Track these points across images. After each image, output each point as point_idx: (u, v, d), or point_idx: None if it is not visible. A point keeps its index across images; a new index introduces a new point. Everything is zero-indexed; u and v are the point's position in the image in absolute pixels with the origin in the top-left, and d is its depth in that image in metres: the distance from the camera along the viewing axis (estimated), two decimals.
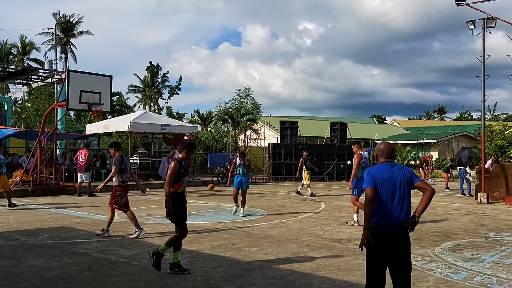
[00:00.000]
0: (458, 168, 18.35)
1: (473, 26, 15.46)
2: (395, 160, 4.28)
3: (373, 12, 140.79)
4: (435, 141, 41.47)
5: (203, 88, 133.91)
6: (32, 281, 5.55)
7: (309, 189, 16.90)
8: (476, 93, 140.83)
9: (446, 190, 19.81)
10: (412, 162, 40.78)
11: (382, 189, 3.92)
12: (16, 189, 16.00)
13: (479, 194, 15.27)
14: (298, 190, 17.24)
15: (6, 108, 26.18)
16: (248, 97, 35.16)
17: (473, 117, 77.19)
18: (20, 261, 6.50)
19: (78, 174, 16.14)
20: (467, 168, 18.04)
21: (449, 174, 21.54)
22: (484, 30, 15.24)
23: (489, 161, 19.19)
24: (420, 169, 27.80)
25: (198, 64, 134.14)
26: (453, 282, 5.62)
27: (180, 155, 6.21)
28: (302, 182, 17.25)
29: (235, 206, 11.77)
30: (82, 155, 16.11)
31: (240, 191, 11.65)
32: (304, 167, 16.98)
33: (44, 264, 6.35)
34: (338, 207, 13.33)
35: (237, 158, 12.10)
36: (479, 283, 5.58)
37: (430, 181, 25.17)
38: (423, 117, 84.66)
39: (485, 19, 15.13)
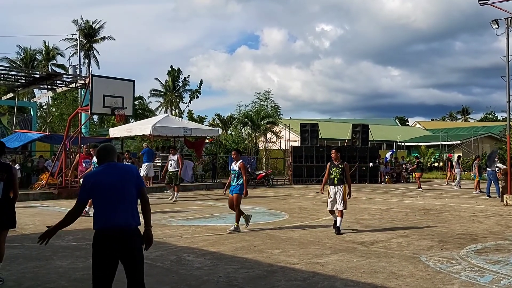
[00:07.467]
0: (486, 169, 18.14)
1: (496, 26, 15.30)
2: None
3: (391, 13, 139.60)
4: (459, 142, 40.75)
5: (222, 92, 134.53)
6: (58, 282, 5.65)
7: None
8: (500, 93, 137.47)
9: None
10: (436, 164, 40.16)
11: None
12: (42, 192, 16.35)
13: (505, 196, 14.95)
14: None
15: (31, 113, 26.73)
16: (268, 100, 35.17)
17: (498, 118, 75.75)
18: (47, 262, 6.64)
19: None
20: (496, 169, 17.73)
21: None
22: (508, 30, 15.04)
23: None
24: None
25: (216, 67, 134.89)
26: (479, 285, 5.52)
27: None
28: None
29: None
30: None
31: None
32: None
33: (70, 265, 6.47)
34: (361, 209, 13.23)
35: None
36: (506, 286, 5.47)
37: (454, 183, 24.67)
38: (446, 118, 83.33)
39: (509, 19, 14.94)
